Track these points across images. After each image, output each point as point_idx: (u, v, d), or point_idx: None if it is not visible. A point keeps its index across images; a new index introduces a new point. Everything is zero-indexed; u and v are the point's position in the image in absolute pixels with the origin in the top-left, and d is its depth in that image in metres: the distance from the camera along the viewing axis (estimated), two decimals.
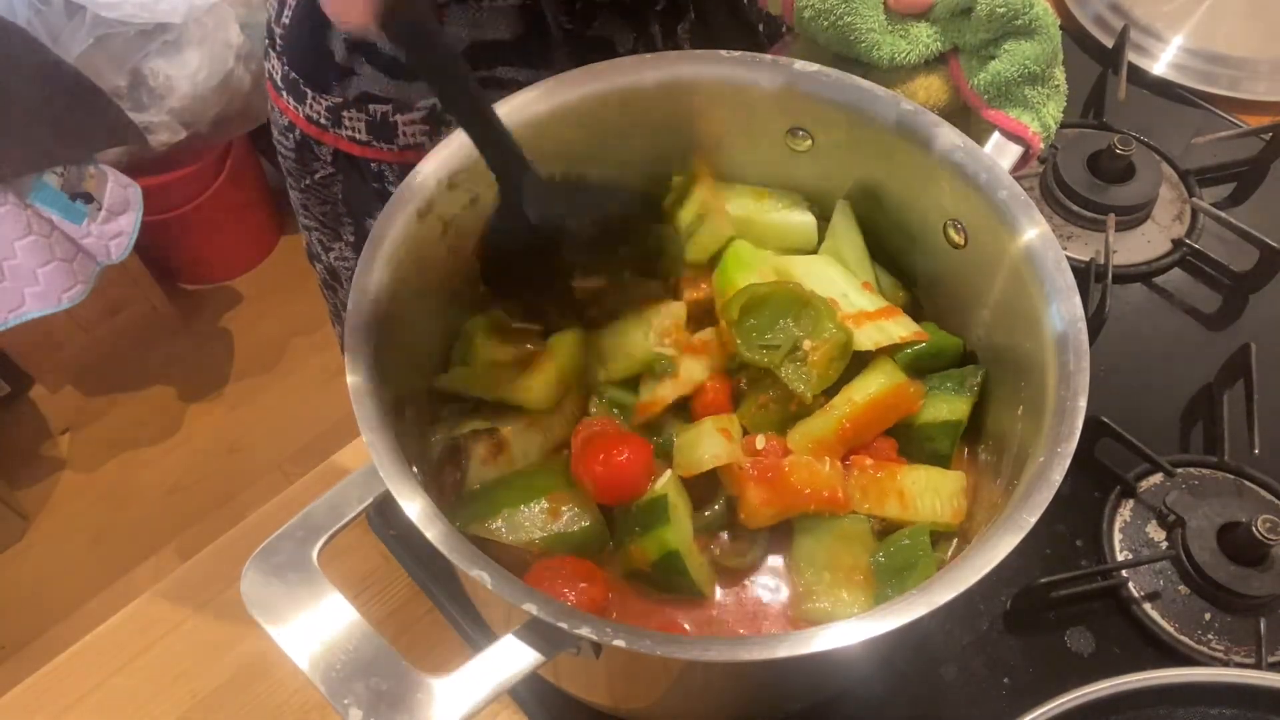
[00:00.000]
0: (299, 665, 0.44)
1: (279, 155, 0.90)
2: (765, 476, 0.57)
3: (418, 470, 0.53)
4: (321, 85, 0.80)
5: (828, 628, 0.42)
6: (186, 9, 1.67)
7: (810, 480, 0.57)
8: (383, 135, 0.79)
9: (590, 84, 0.61)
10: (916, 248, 0.65)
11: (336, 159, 0.83)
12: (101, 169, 1.60)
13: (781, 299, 0.60)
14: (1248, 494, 0.74)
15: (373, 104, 0.78)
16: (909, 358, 0.61)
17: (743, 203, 0.67)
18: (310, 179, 0.87)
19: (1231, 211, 0.91)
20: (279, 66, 0.83)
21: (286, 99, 0.83)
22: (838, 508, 0.57)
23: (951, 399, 0.60)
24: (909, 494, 0.58)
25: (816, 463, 0.57)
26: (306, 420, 2.08)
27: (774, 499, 0.56)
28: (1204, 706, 0.52)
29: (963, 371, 0.61)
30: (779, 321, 0.60)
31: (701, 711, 0.61)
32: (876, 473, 0.58)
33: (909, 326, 0.62)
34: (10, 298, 1.51)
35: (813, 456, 0.58)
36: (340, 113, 0.79)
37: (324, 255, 0.96)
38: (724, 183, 0.68)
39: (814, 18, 0.66)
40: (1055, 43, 0.64)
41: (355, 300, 0.52)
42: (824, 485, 0.57)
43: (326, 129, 0.81)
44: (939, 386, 0.61)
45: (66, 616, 1.85)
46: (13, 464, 2.06)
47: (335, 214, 0.90)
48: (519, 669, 0.44)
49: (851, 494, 0.58)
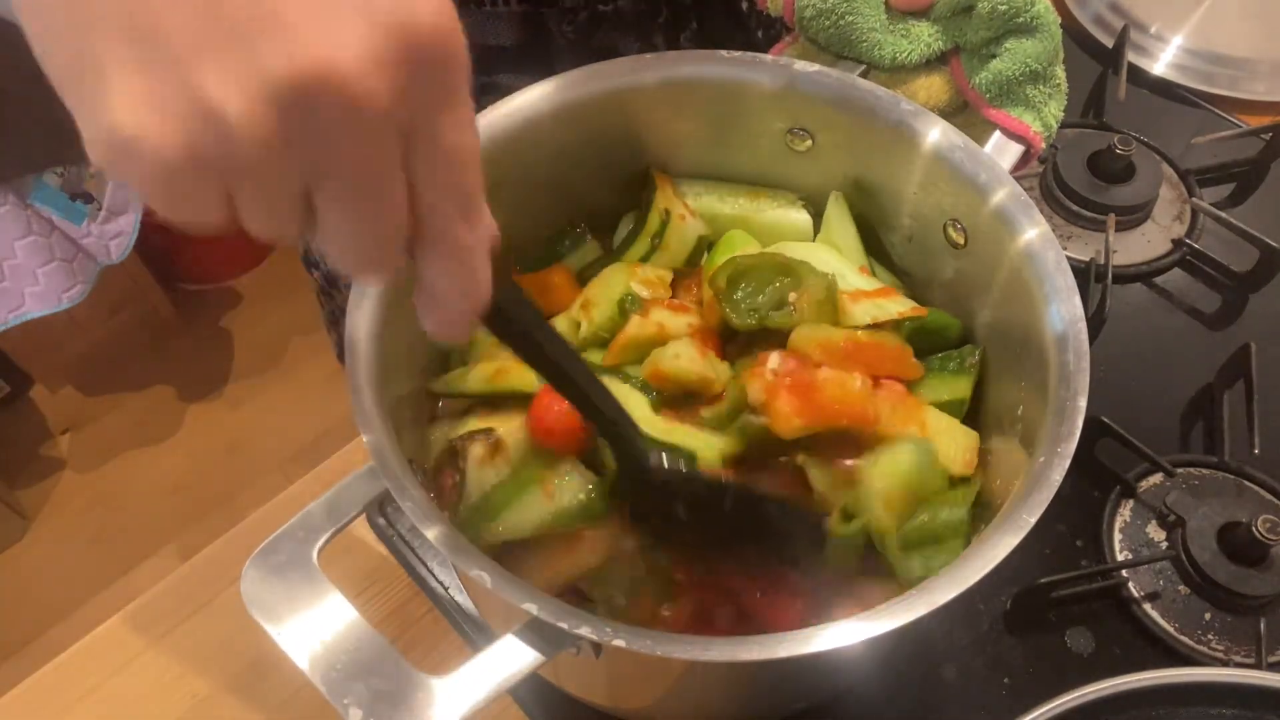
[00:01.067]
0: (299, 665, 0.44)
1: None
2: (798, 386, 0.56)
3: (417, 470, 0.53)
4: None
5: (827, 627, 0.42)
6: None
7: (842, 394, 0.56)
8: None
9: (591, 84, 0.61)
10: (916, 248, 0.65)
11: None
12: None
13: (767, 268, 0.60)
14: (1248, 494, 0.74)
15: None
16: (908, 334, 0.61)
17: (738, 202, 0.67)
18: None
19: (1231, 211, 0.92)
20: None
21: None
22: (867, 423, 0.56)
23: (951, 379, 0.60)
24: (930, 428, 0.57)
25: (848, 378, 0.56)
26: (306, 420, 2.08)
27: (805, 409, 0.55)
28: (1204, 706, 0.53)
29: (960, 351, 0.61)
30: (765, 290, 0.60)
31: (702, 711, 0.61)
32: (904, 398, 0.58)
33: (906, 304, 0.62)
34: (10, 298, 1.51)
35: (842, 370, 0.57)
36: None
37: (322, 262, 0.95)
38: (718, 182, 0.68)
39: (815, 18, 0.66)
40: (1056, 40, 0.64)
41: (354, 299, 0.52)
42: (855, 400, 0.56)
43: None
44: (938, 369, 0.61)
45: (66, 616, 1.85)
46: (13, 464, 2.06)
47: None
48: (519, 669, 0.44)
49: (881, 411, 0.57)
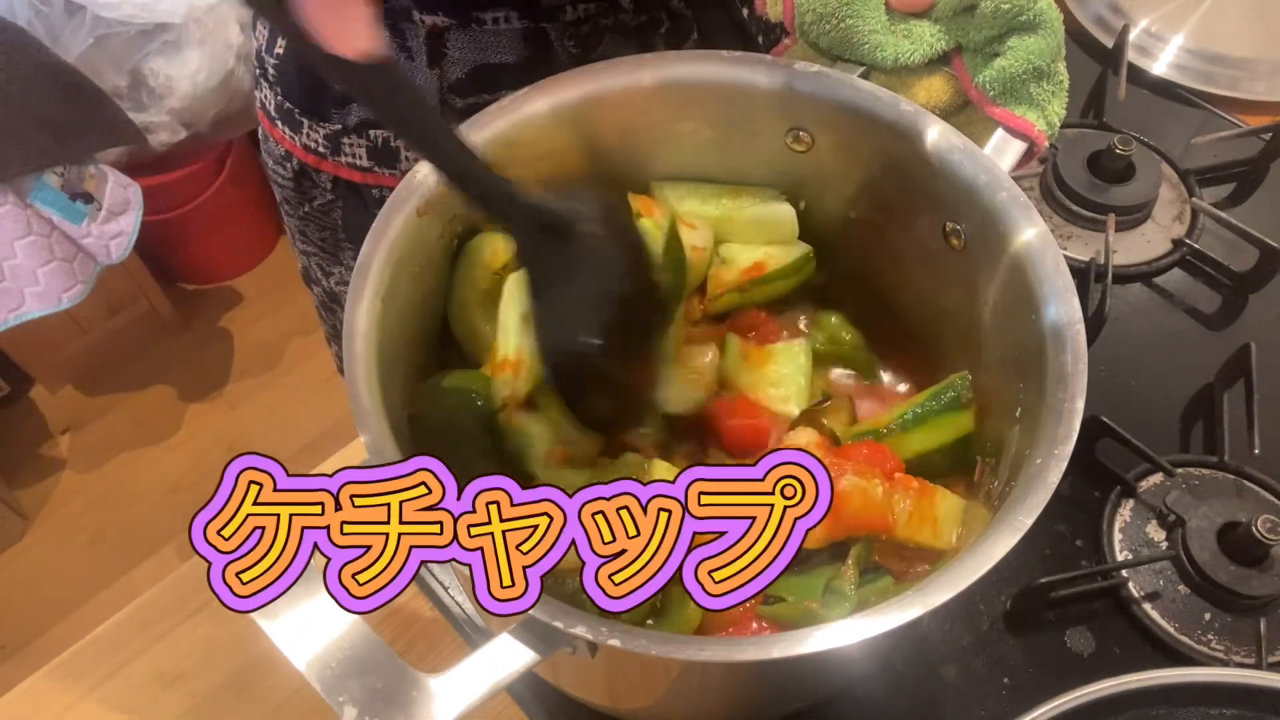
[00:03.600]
0: (294, 662, 0.44)
1: (273, 184, 0.88)
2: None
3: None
4: (319, 113, 0.78)
5: (825, 628, 0.42)
6: (186, 9, 1.67)
7: (865, 507, 0.55)
8: (385, 160, 0.78)
9: (589, 84, 0.61)
10: (915, 248, 0.64)
11: (336, 186, 0.82)
12: (101, 169, 1.60)
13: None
14: (1248, 494, 0.74)
15: (373, 129, 0.77)
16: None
17: (720, 202, 0.67)
18: (309, 206, 0.86)
19: (1231, 211, 0.91)
20: (271, 96, 0.81)
21: (281, 129, 0.81)
22: (887, 531, 0.55)
23: (952, 417, 0.59)
24: (941, 522, 0.56)
25: (870, 487, 0.55)
26: (306, 420, 2.08)
27: (833, 524, 0.55)
28: (1204, 706, 0.52)
29: (949, 384, 0.60)
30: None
31: (700, 711, 0.60)
32: (919, 498, 0.57)
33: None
34: (10, 298, 1.51)
35: (863, 478, 0.56)
36: (339, 140, 0.78)
37: (324, 280, 0.95)
38: (699, 185, 0.68)
39: (815, 22, 0.66)
40: (1059, 37, 0.64)
41: (353, 300, 0.52)
42: (876, 511, 0.55)
43: (325, 157, 0.80)
44: (934, 409, 0.59)
45: (66, 616, 1.85)
46: (13, 464, 2.06)
47: (335, 240, 0.88)
48: (515, 668, 0.44)
49: (899, 518, 0.56)
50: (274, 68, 0.80)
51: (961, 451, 0.60)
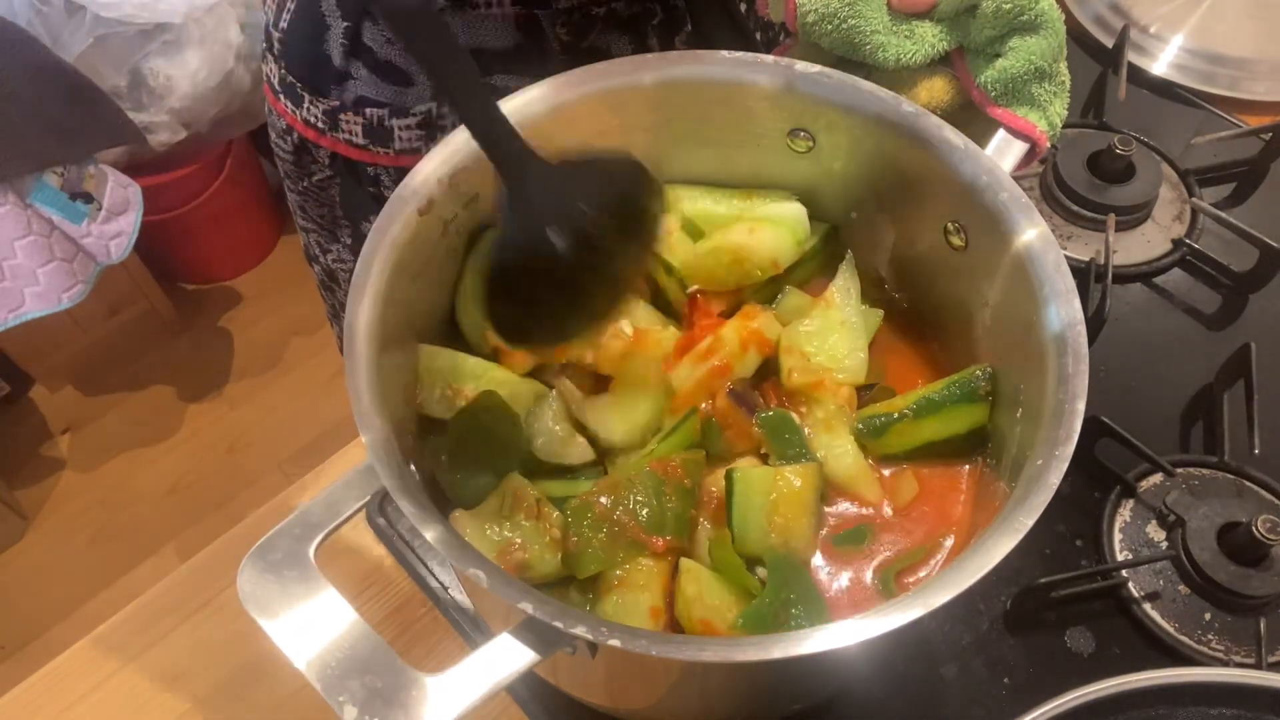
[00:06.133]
0: (293, 661, 0.44)
1: (277, 157, 0.90)
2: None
3: (415, 469, 0.53)
4: (319, 89, 0.80)
5: (825, 628, 0.42)
6: (186, 9, 1.67)
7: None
8: (379, 139, 0.79)
9: (589, 84, 0.61)
10: (916, 249, 0.64)
11: (334, 162, 0.84)
12: (101, 169, 1.60)
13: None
14: (1248, 494, 0.74)
15: (369, 108, 0.78)
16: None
17: (732, 203, 0.67)
18: (308, 181, 0.87)
19: (1231, 211, 0.91)
20: (276, 70, 0.83)
21: (284, 102, 0.83)
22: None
23: (968, 408, 0.59)
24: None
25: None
26: (306, 420, 2.08)
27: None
28: (1204, 706, 0.52)
29: (969, 375, 0.59)
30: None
31: (700, 712, 0.60)
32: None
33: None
34: (10, 298, 1.51)
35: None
36: (337, 116, 0.80)
37: (322, 257, 0.97)
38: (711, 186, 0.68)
39: (818, 22, 0.66)
40: (1061, 37, 0.64)
41: (354, 299, 0.52)
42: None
43: (324, 132, 0.81)
44: (951, 398, 0.59)
45: (66, 616, 1.85)
46: (13, 464, 2.06)
47: (332, 216, 0.90)
48: (514, 668, 0.44)
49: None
50: (279, 41, 0.82)
51: (971, 444, 0.59)
